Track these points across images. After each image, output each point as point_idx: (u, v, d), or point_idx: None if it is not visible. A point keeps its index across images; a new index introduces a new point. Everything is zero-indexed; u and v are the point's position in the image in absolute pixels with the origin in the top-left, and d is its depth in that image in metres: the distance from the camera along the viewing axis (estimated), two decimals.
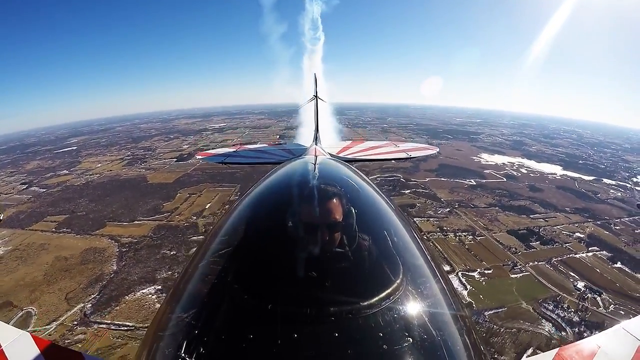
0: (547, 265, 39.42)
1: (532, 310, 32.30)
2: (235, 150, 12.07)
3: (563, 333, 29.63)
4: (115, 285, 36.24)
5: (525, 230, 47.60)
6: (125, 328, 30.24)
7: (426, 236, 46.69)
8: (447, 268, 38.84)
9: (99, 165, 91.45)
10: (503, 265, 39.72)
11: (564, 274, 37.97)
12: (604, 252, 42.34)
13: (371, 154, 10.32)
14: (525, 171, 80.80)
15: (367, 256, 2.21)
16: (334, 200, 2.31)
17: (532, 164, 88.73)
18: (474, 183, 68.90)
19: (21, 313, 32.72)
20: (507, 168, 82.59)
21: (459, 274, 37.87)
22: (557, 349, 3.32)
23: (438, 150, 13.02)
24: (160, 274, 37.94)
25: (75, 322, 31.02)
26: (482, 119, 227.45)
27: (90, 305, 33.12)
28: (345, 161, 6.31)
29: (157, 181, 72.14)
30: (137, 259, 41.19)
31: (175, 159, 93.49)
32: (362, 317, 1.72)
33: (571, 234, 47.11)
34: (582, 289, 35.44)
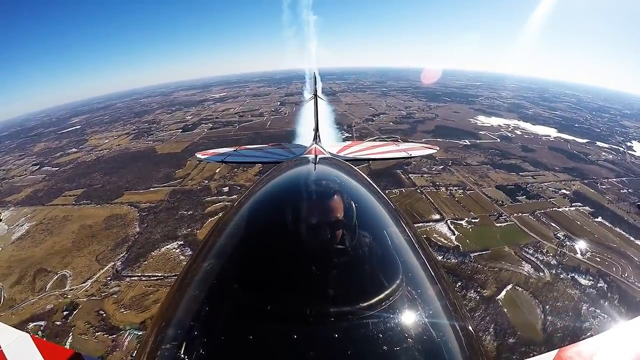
0: (530, 217, 41.91)
1: (513, 254, 35.06)
2: (235, 150, 11.97)
3: (541, 273, 32.31)
4: (141, 244, 39.18)
5: (513, 186, 49.93)
6: (155, 278, 33.50)
7: (420, 190, 49.63)
8: (436, 217, 41.91)
9: (107, 141, 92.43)
10: (489, 215, 42.44)
11: (545, 224, 40.41)
12: (587, 208, 44.35)
13: (371, 154, 10.36)
14: (520, 133, 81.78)
15: (367, 256, 2.23)
16: (333, 201, 2.34)
17: (528, 126, 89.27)
18: (469, 143, 70.62)
19: (56, 277, 34.99)
20: (502, 130, 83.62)
21: (448, 222, 40.67)
22: (557, 350, 3.32)
23: (438, 149, 13.01)
24: (181, 231, 40.93)
25: (109, 278, 33.97)
26: (483, 82, 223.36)
27: (120, 262, 36.16)
28: (346, 160, 6.59)
29: (166, 151, 74.03)
30: (157, 220, 44.07)
31: (180, 130, 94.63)
32: (361, 318, 1.73)
33: (557, 190, 49.16)
34: (562, 237, 37.73)
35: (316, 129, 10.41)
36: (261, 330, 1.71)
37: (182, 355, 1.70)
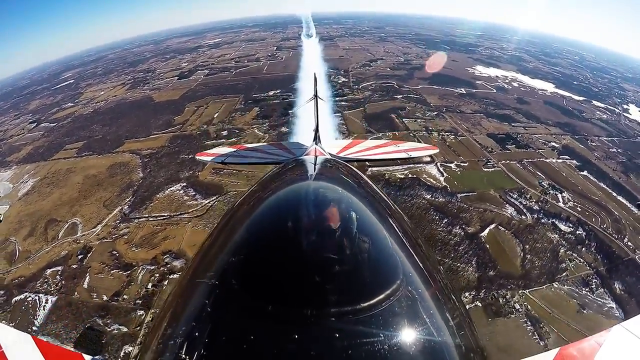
0: (517, 165, 42.84)
1: (498, 197, 36.42)
2: (235, 150, 11.76)
3: (523, 216, 33.73)
4: (145, 188, 40.27)
5: (503, 135, 50.40)
6: (162, 217, 34.99)
7: (412, 134, 50.04)
8: (427, 159, 42.62)
9: (102, 93, 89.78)
10: (478, 160, 43.52)
11: (531, 173, 41.34)
12: (574, 161, 44.88)
13: (371, 154, 10.20)
14: (517, 85, 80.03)
15: (364, 260, 2.23)
16: (331, 207, 2.40)
17: (526, 79, 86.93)
18: (464, 92, 69.54)
19: (67, 225, 36.04)
20: (499, 81, 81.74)
21: (438, 164, 41.74)
22: (558, 348, 3.35)
23: (438, 150, 12.50)
24: (183, 173, 42.13)
25: (118, 221, 35.32)
26: (485, 32, 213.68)
27: (127, 206, 37.41)
28: (345, 161, 6.65)
29: (164, 99, 72.70)
30: (159, 165, 44.93)
31: (177, 77, 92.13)
32: (358, 318, 1.75)
33: (547, 142, 49.42)
34: (546, 185, 38.74)
35: (316, 129, 10.16)
36: (260, 330, 1.75)
37: (183, 356, 1.72)
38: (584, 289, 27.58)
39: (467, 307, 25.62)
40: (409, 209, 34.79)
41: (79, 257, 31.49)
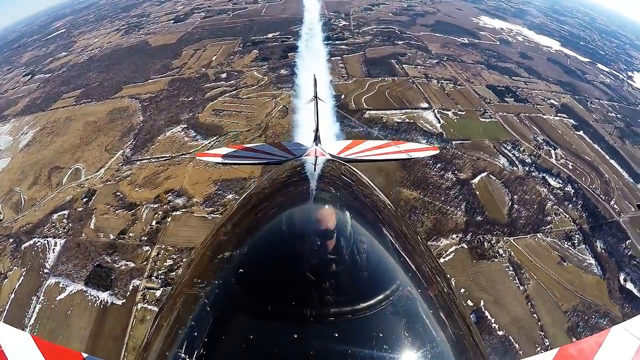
0: (514, 118, 42.61)
1: (492, 147, 36.76)
2: (235, 150, 11.55)
3: (514, 168, 34.24)
4: (146, 131, 40.28)
5: (503, 88, 49.52)
6: (164, 158, 35.51)
7: (412, 80, 49.50)
8: (425, 105, 42.87)
9: (96, 40, 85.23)
10: (475, 110, 43.32)
11: (527, 127, 41.19)
12: (571, 120, 44.34)
13: (371, 155, 9.99)
14: (522, 39, 76.70)
15: (363, 262, 2.19)
16: (332, 209, 2.37)
17: (531, 34, 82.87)
18: (467, 41, 67.25)
19: (70, 171, 36.27)
20: (503, 33, 78.30)
21: (435, 111, 41.92)
22: (558, 348, 3.36)
23: (439, 151, 12.40)
24: (183, 116, 42.07)
25: (120, 164, 35.68)
26: None
27: (129, 149, 37.60)
28: (346, 161, 6.54)
29: (160, 43, 70.07)
30: (159, 108, 44.57)
31: (172, 21, 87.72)
32: (357, 319, 1.74)
33: (546, 99, 48.51)
34: (540, 141, 38.75)
35: (316, 130, 9.90)
36: (259, 330, 1.76)
37: (183, 356, 1.73)
38: (566, 242, 28.65)
39: (454, 248, 27.03)
40: None
41: (84, 200, 32.07)
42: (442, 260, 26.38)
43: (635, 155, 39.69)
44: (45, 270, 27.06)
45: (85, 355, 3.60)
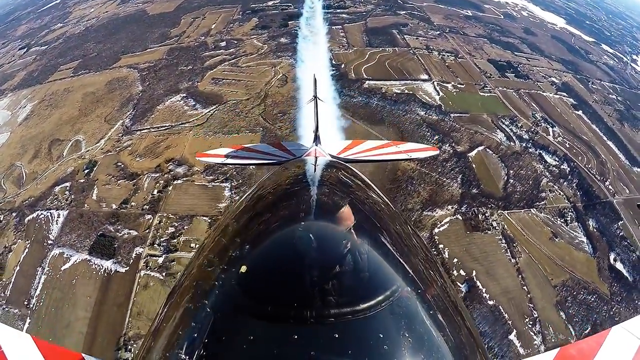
0: (514, 93, 42.02)
1: (490, 122, 36.58)
2: (235, 150, 11.49)
3: (512, 143, 34.18)
4: (145, 100, 39.83)
5: (504, 63, 48.49)
6: (164, 128, 35.42)
7: (412, 51, 48.73)
8: (424, 77, 42.40)
9: (92, 10, 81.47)
10: (475, 84, 42.73)
11: (526, 103, 40.70)
12: (571, 99, 43.49)
13: (371, 155, 10.07)
14: (527, 15, 74.12)
15: (362, 263, 2.19)
16: (331, 210, 2.43)
17: (537, 10, 79.55)
18: (470, 14, 65.08)
19: (70, 143, 35.85)
20: (508, 7, 75.27)
21: (435, 83, 41.50)
22: (558, 348, 3.37)
23: (439, 152, 11.76)
24: (182, 84, 41.61)
25: (120, 134, 35.52)
26: None
27: (129, 119, 37.31)
28: (345, 162, 6.60)
29: (158, 12, 67.69)
30: (158, 77, 43.88)
31: None
32: (356, 320, 1.74)
33: (547, 76, 47.47)
34: (539, 118, 38.49)
35: (316, 131, 9.87)
36: (259, 330, 1.78)
37: (183, 356, 1.73)
38: (559, 219, 28.98)
39: (449, 218, 27.51)
40: (402, 123, 35.32)
41: (85, 171, 32.12)
42: (436, 230, 26.90)
43: (633, 138, 39.29)
44: (49, 242, 27.51)
45: (84, 355, 3.61)
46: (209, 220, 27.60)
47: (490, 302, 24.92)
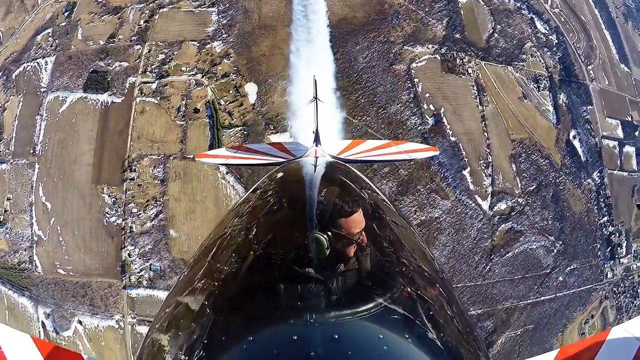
0: None
1: None
2: (235, 150, 11.46)
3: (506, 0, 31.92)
4: None
5: None
6: None
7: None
8: None
9: None
10: None
11: None
12: None
13: (371, 155, 9.89)
14: None
15: (362, 263, 2.16)
16: (332, 212, 2.29)
17: None
18: None
19: None
20: None
21: None
22: (558, 349, 3.31)
23: (438, 151, 11.79)
24: None
25: None
26: None
27: None
28: (345, 162, 6.45)
29: None
30: None
31: None
32: (356, 320, 1.72)
33: None
34: None
35: (316, 131, 9.46)
36: (258, 331, 1.72)
37: (184, 357, 1.72)
38: (532, 83, 29.70)
39: (427, 56, 28.35)
40: None
41: (65, 14, 30.17)
42: (414, 65, 27.91)
43: (632, 38, 36.78)
44: (42, 90, 27.64)
45: (85, 356, 3.63)
46: (198, 45, 27.87)
47: (452, 139, 27.66)
